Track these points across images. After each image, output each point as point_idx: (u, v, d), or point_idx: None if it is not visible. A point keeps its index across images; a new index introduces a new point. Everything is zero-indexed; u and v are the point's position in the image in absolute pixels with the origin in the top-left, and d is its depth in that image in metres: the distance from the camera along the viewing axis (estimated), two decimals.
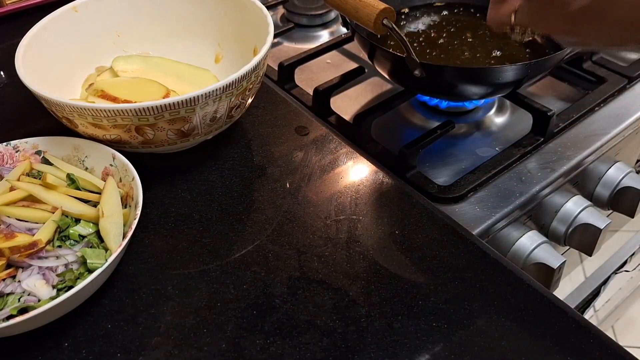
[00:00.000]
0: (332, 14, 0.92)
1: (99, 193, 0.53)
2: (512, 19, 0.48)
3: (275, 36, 0.71)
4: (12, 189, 0.52)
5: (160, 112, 0.51)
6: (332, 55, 0.84)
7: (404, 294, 0.49)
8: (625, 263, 1.01)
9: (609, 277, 0.98)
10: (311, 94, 0.74)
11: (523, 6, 0.47)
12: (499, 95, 0.69)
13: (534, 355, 0.44)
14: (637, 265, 1.05)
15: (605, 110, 0.73)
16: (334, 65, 0.83)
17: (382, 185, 0.59)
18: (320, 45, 0.81)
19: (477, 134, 0.71)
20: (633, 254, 1.02)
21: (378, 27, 0.60)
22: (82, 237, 0.50)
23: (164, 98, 0.54)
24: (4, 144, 0.56)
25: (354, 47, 0.85)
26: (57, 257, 0.48)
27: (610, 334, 0.46)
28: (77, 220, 0.51)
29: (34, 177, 0.54)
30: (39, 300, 0.45)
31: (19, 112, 0.69)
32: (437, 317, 0.47)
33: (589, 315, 0.99)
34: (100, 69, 0.68)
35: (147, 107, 0.50)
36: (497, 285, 0.49)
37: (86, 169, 0.56)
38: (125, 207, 0.52)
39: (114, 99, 0.60)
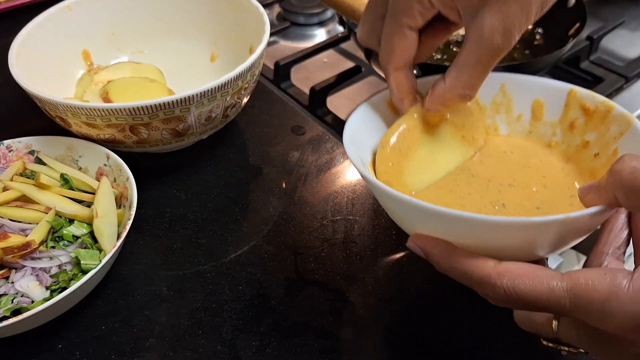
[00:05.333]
0: (329, 13, 0.92)
1: (93, 193, 0.52)
2: (554, 328, 0.35)
3: (271, 35, 0.70)
4: (5, 189, 0.51)
5: (155, 111, 0.51)
6: (329, 54, 0.84)
7: (402, 295, 0.48)
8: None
9: None
10: (307, 93, 0.73)
11: (567, 321, 0.34)
12: None
13: (530, 352, 0.44)
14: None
15: None
16: (330, 64, 0.82)
17: None
18: (317, 44, 0.81)
19: None
20: (630, 254, 1.02)
21: None
22: (76, 237, 0.49)
23: None
24: None
25: (350, 46, 0.84)
26: (51, 258, 0.47)
27: None
28: (71, 221, 0.50)
29: (28, 177, 0.53)
30: (33, 302, 0.45)
31: (13, 111, 0.68)
32: (436, 318, 0.47)
33: None
34: (92, 68, 0.68)
35: (141, 107, 0.50)
36: None
37: (80, 168, 0.55)
38: (120, 208, 0.51)
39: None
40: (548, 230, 0.34)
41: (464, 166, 0.46)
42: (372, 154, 0.46)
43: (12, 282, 0.46)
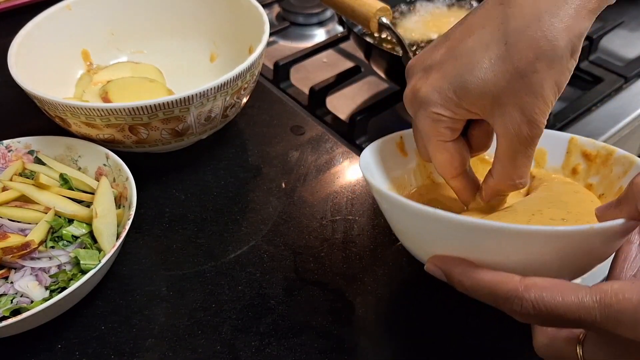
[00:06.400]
0: (328, 13, 0.92)
1: (93, 193, 0.52)
2: (579, 353, 0.34)
3: (270, 35, 0.70)
4: (4, 189, 0.51)
5: (154, 111, 0.51)
6: (328, 54, 0.84)
7: (401, 295, 0.48)
8: None
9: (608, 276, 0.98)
10: (307, 93, 0.74)
11: (592, 336, 0.34)
12: None
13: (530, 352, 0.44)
14: None
15: (602, 110, 0.73)
16: (330, 64, 0.82)
17: None
18: (316, 44, 0.81)
19: None
20: None
21: (375, 26, 0.60)
22: (76, 237, 0.49)
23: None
24: None
25: (350, 46, 0.84)
26: (50, 258, 0.47)
27: None
28: (70, 221, 0.50)
29: (27, 177, 0.53)
30: (32, 302, 0.45)
31: (12, 111, 0.68)
32: (436, 317, 0.47)
33: None
34: (91, 68, 0.68)
35: (141, 107, 0.50)
36: None
37: (79, 168, 0.55)
38: (119, 208, 0.51)
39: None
40: (572, 242, 0.34)
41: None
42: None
43: (12, 282, 0.45)
